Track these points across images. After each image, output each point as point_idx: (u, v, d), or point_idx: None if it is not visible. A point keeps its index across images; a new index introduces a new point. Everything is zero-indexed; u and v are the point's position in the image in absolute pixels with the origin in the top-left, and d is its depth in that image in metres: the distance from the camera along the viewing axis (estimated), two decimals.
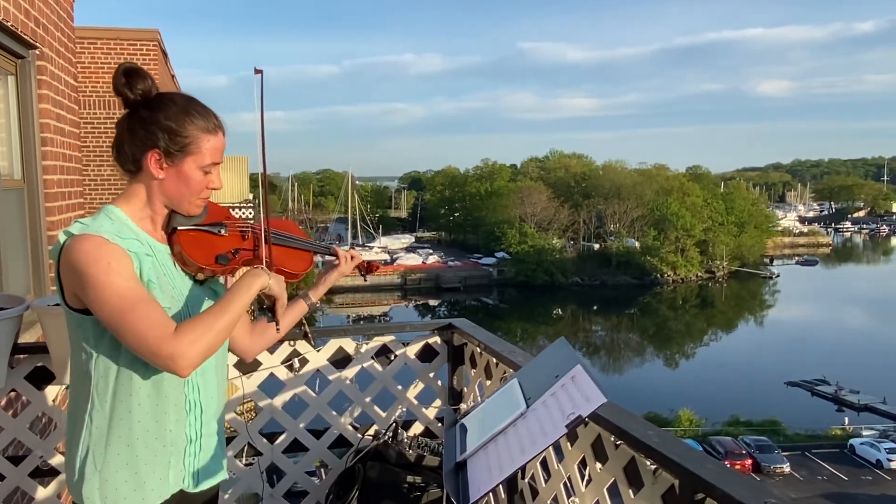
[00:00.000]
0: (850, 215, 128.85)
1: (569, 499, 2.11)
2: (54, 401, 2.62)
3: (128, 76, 1.57)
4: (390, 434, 2.72)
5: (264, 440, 2.77)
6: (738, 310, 64.02)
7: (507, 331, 50.43)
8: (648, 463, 1.67)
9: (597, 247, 74.22)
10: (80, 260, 1.47)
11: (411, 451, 2.62)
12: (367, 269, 2.20)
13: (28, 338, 3.33)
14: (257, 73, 1.70)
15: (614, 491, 1.83)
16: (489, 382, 2.68)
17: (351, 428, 2.89)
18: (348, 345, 2.87)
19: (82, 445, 1.57)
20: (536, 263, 67.80)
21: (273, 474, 2.82)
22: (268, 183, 1.79)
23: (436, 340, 2.97)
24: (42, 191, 4.14)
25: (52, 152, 4.22)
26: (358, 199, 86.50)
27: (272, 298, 1.72)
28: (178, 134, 1.58)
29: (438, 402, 2.99)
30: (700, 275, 72.69)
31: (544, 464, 2.24)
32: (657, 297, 66.61)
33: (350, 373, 2.89)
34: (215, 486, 1.78)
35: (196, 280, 1.70)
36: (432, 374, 2.98)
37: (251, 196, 21.81)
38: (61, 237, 1.54)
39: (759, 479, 24.11)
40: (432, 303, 64.39)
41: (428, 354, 2.97)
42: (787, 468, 28.79)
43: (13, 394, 2.73)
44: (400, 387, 2.94)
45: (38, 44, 4.00)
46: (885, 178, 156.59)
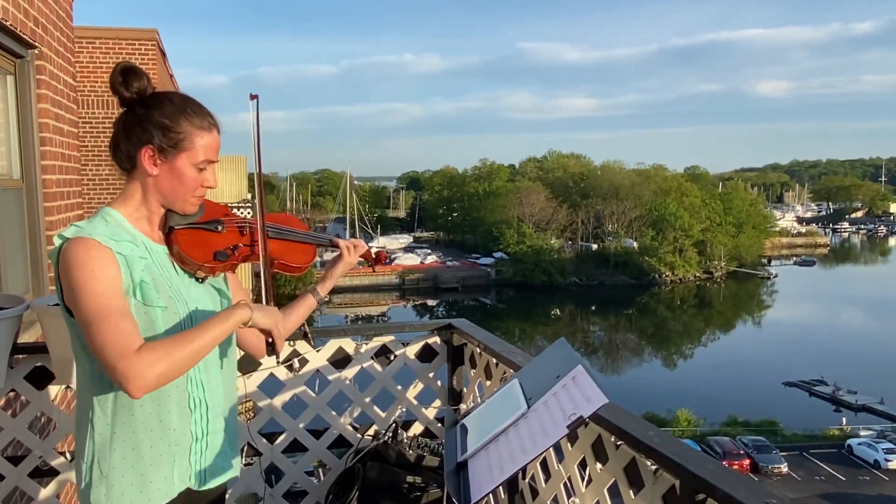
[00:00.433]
0: (847, 216, 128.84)
1: (569, 499, 2.11)
2: (54, 401, 2.62)
3: (125, 75, 1.58)
4: (390, 434, 2.72)
5: (264, 440, 2.77)
6: (736, 310, 64.04)
7: (505, 331, 50.34)
8: (649, 463, 1.68)
9: (595, 247, 74.18)
10: (69, 263, 1.48)
11: (411, 452, 2.62)
12: (376, 261, 2.13)
13: (27, 338, 3.32)
14: (252, 98, 1.71)
15: (615, 491, 1.83)
16: (489, 383, 2.68)
17: (350, 428, 2.89)
18: (348, 345, 2.87)
19: (88, 453, 1.58)
20: (534, 264, 67.74)
21: (272, 474, 2.82)
22: (264, 183, 1.79)
23: (435, 341, 2.97)
24: (41, 191, 4.14)
25: (51, 152, 4.22)
26: (356, 199, 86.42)
27: (266, 332, 1.65)
28: (171, 130, 1.58)
29: (438, 403, 2.99)
30: (698, 275, 72.65)
31: (544, 464, 2.24)
32: (655, 298, 66.58)
33: (350, 373, 2.89)
34: (223, 484, 1.76)
35: (197, 279, 1.70)
36: (432, 375, 2.98)
37: (250, 196, 21.78)
38: (56, 241, 1.54)
39: (756, 479, 24.12)
40: (430, 303, 64.34)
41: (427, 354, 2.97)
42: (784, 468, 28.82)
43: (12, 394, 2.73)
44: (399, 387, 2.94)
45: (37, 43, 3.99)
46: (883, 179, 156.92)
